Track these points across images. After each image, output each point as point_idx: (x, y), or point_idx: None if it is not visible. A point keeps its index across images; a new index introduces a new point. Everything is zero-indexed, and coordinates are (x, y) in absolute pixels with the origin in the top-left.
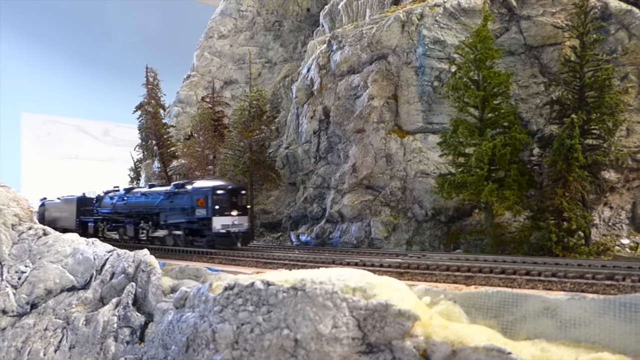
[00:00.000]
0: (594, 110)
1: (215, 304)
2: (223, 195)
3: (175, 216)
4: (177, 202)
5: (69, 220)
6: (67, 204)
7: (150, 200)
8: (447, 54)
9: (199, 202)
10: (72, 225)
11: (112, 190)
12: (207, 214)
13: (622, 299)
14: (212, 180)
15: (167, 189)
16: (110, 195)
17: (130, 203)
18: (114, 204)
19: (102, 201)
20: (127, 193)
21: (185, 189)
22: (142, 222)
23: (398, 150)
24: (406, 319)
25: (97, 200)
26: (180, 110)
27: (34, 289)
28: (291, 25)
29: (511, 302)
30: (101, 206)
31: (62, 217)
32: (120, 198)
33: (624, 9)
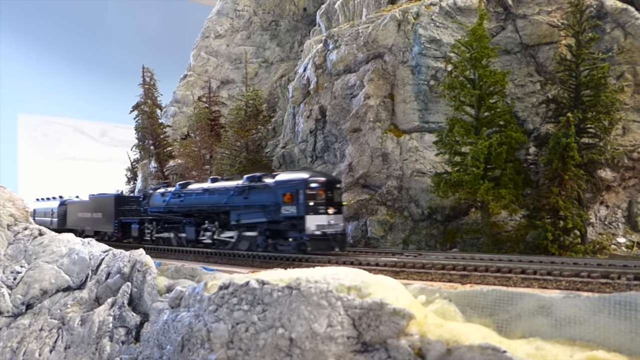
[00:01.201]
0: (590, 109)
1: (210, 304)
2: (318, 188)
3: (251, 215)
4: (254, 198)
5: (103, 221)
6: (99, 202)
7: (217, 196)
8: (443, 52)
9: (286, 198)
10: (107, 227)
11: (161, 186)
12: (298, 211)
13: (617, 297)
14: (299, 171)
15: (239, 182)
16: (161, 192)
17: (190, 200)
18: (167, 202)
19: (151, 199)
20: (183, 189)
21: (264, 182)
22: (207, 223)
23: (394, 149)
24: (401, 317)
25: (144, 197)
26: (176, 110)
27: (30, 289)
28: (288, 25)
29: (506, 301)
30: (150, 204)
31: (92, 218)
32: (175, 195)
33: (619, 8)
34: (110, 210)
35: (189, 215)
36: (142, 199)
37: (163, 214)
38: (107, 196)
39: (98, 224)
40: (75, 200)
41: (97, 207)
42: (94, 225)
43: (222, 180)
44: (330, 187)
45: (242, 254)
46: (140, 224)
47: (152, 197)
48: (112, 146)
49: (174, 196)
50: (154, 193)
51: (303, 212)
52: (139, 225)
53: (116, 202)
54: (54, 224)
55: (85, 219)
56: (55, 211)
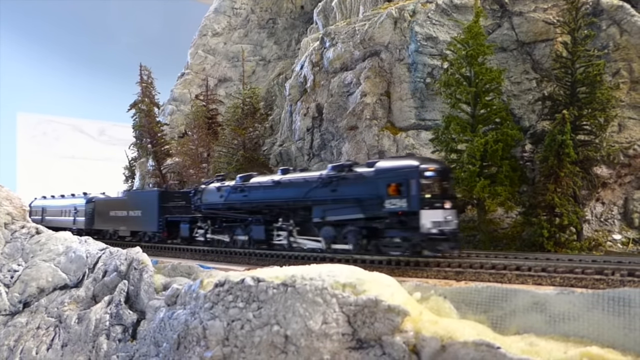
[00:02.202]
0: (586, 106)
1: (205, 301)
2: (434, 177)
3: (341, 211)
4: (345, 191)
5: (143, 220)
6: (138, 199)
7: (293, 190)
8: (439, 50)
9: (392, 189)
10: (149, 227)
11: (214, 180)
12: (409, 205)
13: (610, 293)
14: (402, 157)
15: (323, 173)
16: (217, 186)
17: (256, 195)
18: (226, 198)
19: (204, 194)
20: (246, 182)
21: (358, 171)
22: (281, 221)
23: (391, 146)
24: (396, 314)
25: (195, 192)
26: (174, 108)
27: (27, 288)
28: (285, 23)
29: (501, 297)
30: (202, 201)
31: (129, 217)
32: (236, 189)
33: (615, 5)
34: (152, 207)
35: (255, 212)
36: (193, 194)
37: (220, 212)
38: (149, 192)
39: (136, 223)
40: (105, 197)
41: (135, 204)
42: (132, 224)
43: (294, 172)
44: (445, 176)
45: (239, 252)
46: (192, 222)
47: (204, 192)
48: (111, 145)
49: (235, 191)
50: (207, 188)
51: (417, 207)
52: (189, 225)
53: (160, 198)
54: (79, 223)
55: (120, 219)
56: (82, 210)
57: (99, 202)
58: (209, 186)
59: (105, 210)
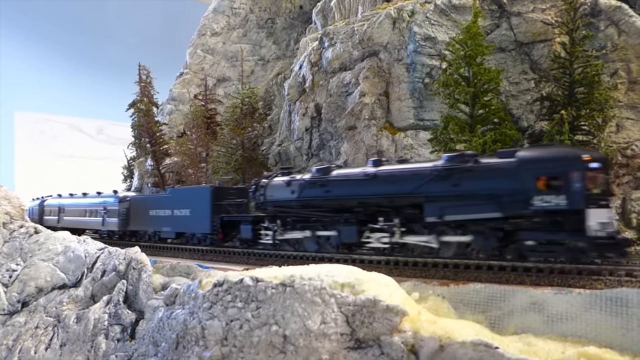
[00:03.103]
0: (584, 107)
1: (204, 301)
2: (599, 170)
3: (468, 208)
4: (474, 185)
5: (192, 220)
6: (186, 196)
7: (396, 184)
8: (438, 50)
9: (543, 183)
10: (199, 227)
11: (279, 173)
12: (569, 203)
13: (608, 294)
14: (545, 146)
15: (438, 164)
16: (286, 180)
17: (343, 190)
18: (300, 193)
19: (269, 189)
20: (326, 175)
21: (492, 162)
22: (382, 220)
23: (389, 146)
24: (394, 314)
25: (257, 188)
26: (173, 107)
27: (25, 287)
28: (284, 23)
29: (499, 298)
30: (267, 197)
31: (174, 217)
32: (314, 183)
33: (613, 5)
34: (204, 205)
35: (341, 210)
36: (254, 190)
37: (292, 210)
38: (200, 188)
39: (183, 223)
40: (143, 195)
41: (182, 202)
42: (177, 225)
43: (389, 163)
44: (608, 169)
45: (238, 252)
46: (255, 222)
47: (269, 187)
48: (109, 144)
49: (312, 185)
50: (272, 182)
51: (581, 204)
52: (252, 225)
53: (213, 196)
54: (110, 225)
55: (162, 219)
56: (114, 209)
57: (135, 201)
58: (273, 180)
59: (143, 210)
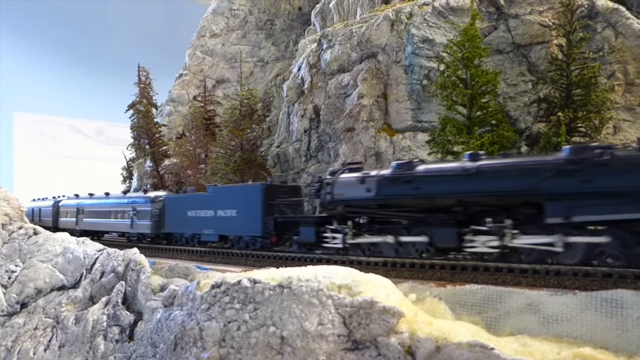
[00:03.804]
0: (581, 108)
1: (202, 302)
2: None
3: (602, 208)
4: (614, 181)
5: (241, 221)
6: (232, 195)
7: (509, 180)
8: (435, 52)
9: None
10: (248, 229)
11: (350, 169)
12: None
13: (603, 295)
14: None
15: (561, 157)
16: (360, 176)
17: (437, 187)
18: (378, 191)
19: (337, 187)
20: (410, 170)
21: (632, 155)
22: (490, 221)
23: (387, 148)
24: (391, 315)
25: (322, 185)
26: (172, 109)
27: (24, 288)
28: (283, 24)
29: (495, 299)
30: (336, 195)
31: (217, 218)
32: (396, 180)
33: (610, 7)
34: (254, 205)
35: (434, 209)
36: (318, 188)
37: (368, 209)
38: (249, 186)
39: (229, 225)
40: (179, 195)
41: (227, 202)
42: (221, 227)
43: (493, 157)
44: None
45: (236, 253)
46: (319, 224)
47: (337, 184)
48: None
49: (394, 182)
50: (340, 179)
51: None
52: (315, 227)
53: (265, 194)
54: (141, 227)
55: (203, 220)
56: (145, 210)
57: (170, 201)
58: (342, 177)
59: (179, 210)
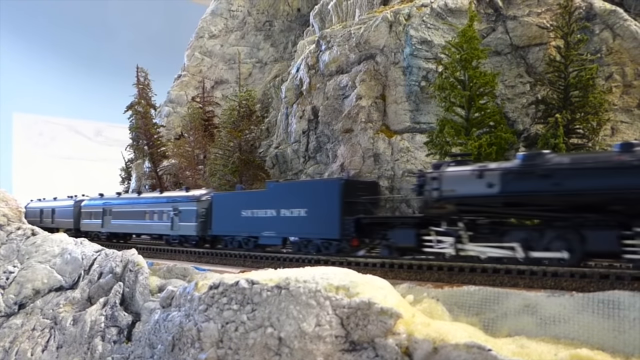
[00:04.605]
0: (579, 110)
1: (200, 303)
2: None
3: None
4: None
5: (313, 222)
6: (303, 192)
7: None
8: (434, 54)
9: None
10: (323, 231)
11: (457, 162)
12: None
13: (600, 296)
14: None
15: None
16: (477, 170)
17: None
18: (502, 187)
19: (447, 182)
20: (545, 162)
21: None
22: None
23: (386, 149)
24: (388, 317)
25: (425, 181)
26: (170, 110)
27: (22, 289)
28: (282, 25)
29: (493, 300)
30: (445, 192)
31: (281, 219)
32: (529, 174)
33: (608, 9)
34: (330, 204)
35: (580, 208)
36: (420, 183)
37: (492, 209)
38: (323, 182)
39: (297, 226)
40: (229, 193)
41: (293, 200)
42: (287, 228)
43: None
44: None
45: (234, 254)
46: (418, 225)
47: (446, 179)
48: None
49: (524, 176)
50: (449, 173)
51: None
52: (416, 229)
53: (343, 191)
54: (184, 229)
55: (261, 221)
56: (189, 210)
57: (219, 199)
58: (451, 171)
59: (231, 210)
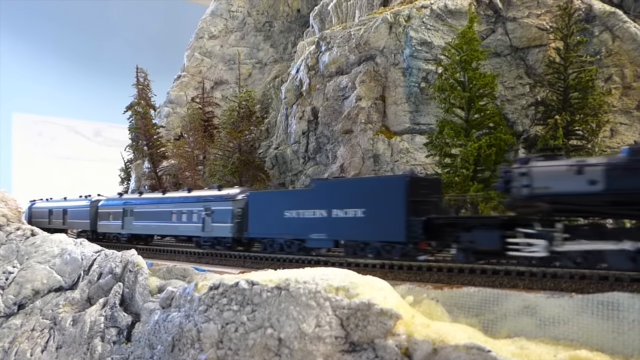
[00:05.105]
0: (578, 111)
1: (200, 304)
2: None
3: None
4: None
5: (372, 223)
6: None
7: None
8: (434, 55)
9: None
10: (384, 233)
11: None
12: None
13: (600, 297)
14: None
15: None
16: (575, 165)
17: None
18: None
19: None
20: None
21: None
22: None
23: (385, 150)
24: (388, 317)
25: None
26: (170, 110)
27: (22, 290)
28: (281, 26)
29: (492, 301)
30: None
31: (334, 219)
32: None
33: (607, 11)
34: (394, 203)
35: None
36: (506, 180)
37: (594, 207)
38: (384, 180)
39: (352, 228)
40: (269, 192)
41: (346, 199)
42: (340, 230)
43: None
44: None
45: (234, 255)
46: (504, 226)
47: (538, 175)
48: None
49: (634, 172)
50: (540, 168)
51: None
52: (500, 230)
53: (408, 190)
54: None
55: (309, 222)
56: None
57: (255, 199)
58: (542, 165)
59: (271, 210)
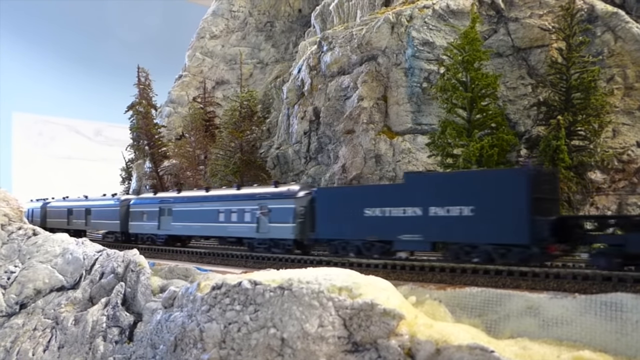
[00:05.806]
0: (580, 112)
1: (202, 304)
2: None
3: None
4: None
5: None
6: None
7: None
8: (436, 55)
9: None
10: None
11: None
12: None
13: (603, 298)
14: None
15: None
16: None
17: None
18: None
19: None
20: None
21: None
22: None
23: (387, 150)
24: (391, 318)
25: None
26: (171, 110)
27: (23, 289)
28: (283, 26)
29: (495, 302)
30: None
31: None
32: None
33: (610, 12)
34: (512, 200)
35: None
36: None
37: None
38: (499, 173)
39: (456, 228)
40: (343, 187)
41: (448, 195)
42: (439, 231)
43: None
44: None
45: (236, 254)
46: None
47: None
48: (107, 145)
49: None
50: None
51: None
52: None
53: (530, 186)
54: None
55: (397, 221)
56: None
57: (325, 195)
58: None
59: (346, 208)
